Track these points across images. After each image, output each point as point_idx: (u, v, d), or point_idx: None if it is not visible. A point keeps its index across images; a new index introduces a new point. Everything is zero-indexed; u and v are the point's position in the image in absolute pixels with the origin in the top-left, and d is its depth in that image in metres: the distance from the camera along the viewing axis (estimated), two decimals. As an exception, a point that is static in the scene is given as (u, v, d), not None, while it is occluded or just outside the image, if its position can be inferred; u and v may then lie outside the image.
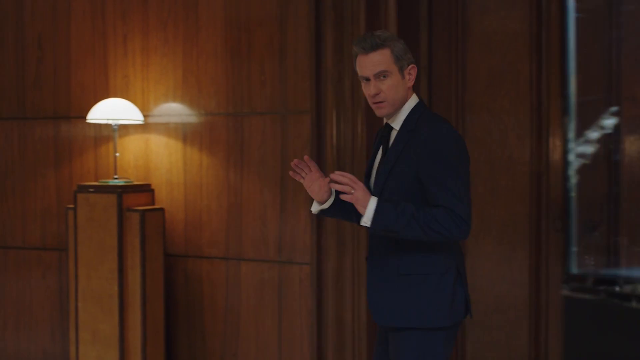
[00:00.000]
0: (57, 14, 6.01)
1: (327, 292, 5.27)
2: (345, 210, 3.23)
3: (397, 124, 3.05)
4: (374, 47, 2.96)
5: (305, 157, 3.12)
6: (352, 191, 2.85)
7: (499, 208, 5.34)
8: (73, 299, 5.62)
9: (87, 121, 5.64)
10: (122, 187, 5.52)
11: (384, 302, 3.04)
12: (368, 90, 3.00)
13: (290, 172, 3.18)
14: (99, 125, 5.92)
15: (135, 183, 5.67)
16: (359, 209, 2.89)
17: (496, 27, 5.33)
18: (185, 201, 5.70)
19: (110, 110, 5.52)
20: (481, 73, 5.36)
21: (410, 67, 3.04)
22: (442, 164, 2.90)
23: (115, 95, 5.82)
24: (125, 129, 5.84)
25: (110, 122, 5.62)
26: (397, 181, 2.98)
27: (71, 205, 5.65)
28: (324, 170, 5.21)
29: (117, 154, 5.70)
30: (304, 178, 3.13)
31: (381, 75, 2.98)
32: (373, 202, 2.88)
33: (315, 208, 3.19)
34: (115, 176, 5.67)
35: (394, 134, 3.07)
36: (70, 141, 5.97)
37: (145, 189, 5.70)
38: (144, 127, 5.84)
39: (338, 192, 3.15)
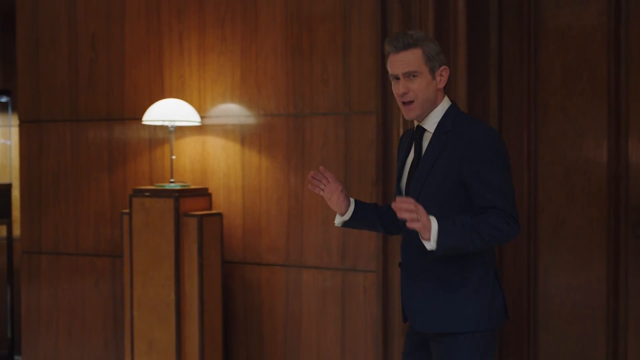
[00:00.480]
0: (111, 13, 5.88)
1: (393, 301, 5.05)
2: (367, 220, 3.24)
3: (430, 125, 3.03)
4: (406, 46, 2.95)
5: (321, 167, 3.12)
6: (417, 217, 2.77)
7: (574, 213, 5.09)
8: (128, 308, 5.47)
9: (143, 123, 5.48)
10: (179, 191, 5.33)
11: (424, 307, 3.01)
12: (397, 89, 2.99)
13: (309, 185, 3.17)
14: (154, 127, 5.76)
15: (192, 187, 5.49)
16: (424, 233, 2.81)
17: (571, 22, 5.08)
18: (243, 206, 5.54)
19: (167, 112, 5.35)
20: (555, 71, 5.11)
21: (442, 68, 3.02)
22: (488, 163, 2.88)
23: (170, 96, 5.65)
24: (181, 131, 5.67)
25: (166, 123, 5.45)
26: (436, 185, 2.95)
27: (126, 210, 5.52)
28: (390, 173, 4.99)
29: (174, 157, 5.53)
30: (323, 190, 3.14)
31: (411, 74, 2.97)
32: (434, 223, 2.81)
33: (337, 220, 3.21)
34: (172, 180, 5.49)
35: (427, 137, 3.05)
36: (125, 144, 5.84)
37: (203, 193, 5.52)
38: (200, 129, 5.66)
39: (358, 203, 3.18)
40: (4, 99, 6.83)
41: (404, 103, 3.01)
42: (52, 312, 6.16)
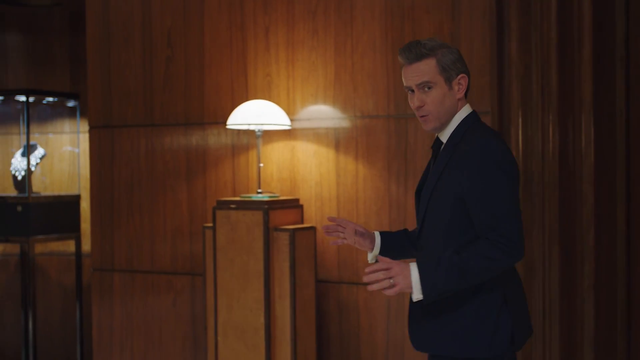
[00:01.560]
0: (189, 7, 5.60)
1: None
2: (399, 248, 3.21)
3: (445, 136, 2.99)
4: (419, 57, 2.91)
5: (328, 217, 3.10)
6: (391, 281, 2.74)
7: None
8: (212, 332, 5.10)
9: (227, 127, 5.18)
10: (268, 202, 4.94)
11: (420, 327, 2.96)
12: (412, 102, 2.96)
13: (331, 242, 3.15)
14: (237, 131, 5.44)
15: (282, 198, 5.09)
16: (407, 291, 2.78)
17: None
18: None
19: (254, 114, 4.99)
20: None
21: (459, 77, 2.96)
22: (485, 180, 2.81)
23: (255, 97, 5.36)
24: (267, 136, 5.34)
25: (252, 127, 5.10)
26: (441, 200, 2.91)
27: (209, 224, 5.19)
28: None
29: (261, 165, 5.20)
30: (345, 238, 3.11)
31: (425, 86, 2.92)
32: (414, 271, 2.77)
33: (370, 257, 3.17)
34: (259, 190, 5.12)
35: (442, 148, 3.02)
36: (205, 150, 5.56)
37: (293, 205, 5.12)
38: (289, 133, 5.32)
39: (384, 234, 3.18)
40: (71, 103, 6.64)
41: (420, 116, 2.97)
42: (126, 334, 5.85)
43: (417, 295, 2.77)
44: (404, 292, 2.79)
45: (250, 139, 5.40)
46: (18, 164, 6.35)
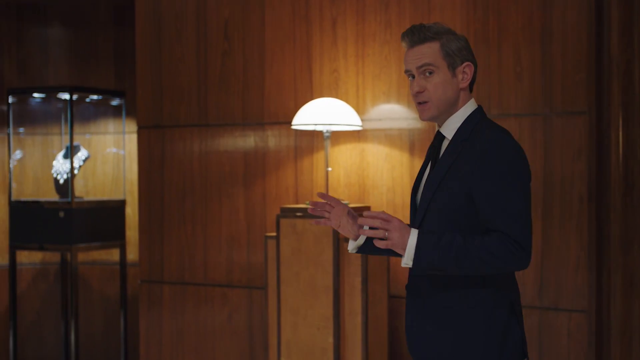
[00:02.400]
0: None
1: (610, 347, 4.44)
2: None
3: (449, 132, 2.88)
4: (421, 40, 2.83)
5: (319, 193, 2.97)
6: (386, 234, 2.70)
7: None
8: (274, 352, 4.83)
9: (293, 127, 4.90)
10: None
11: (424, 336, 2.86)
12: (412, 87, 2.88)
13: (313, 221, 2.99)
14: (300, 132, 5.19)
15: (351, 205, 4.84)
16: (398, 250, 2.72)
17: None
18: (412, 228, 4.79)
19: (322, 113, 4.72)
20: None
21: (464, 65, 2.85)
22: (497, 180, 2.73)
23: (321, 95, 5.11)
24: (333, 137, 5.08)
25: (320, 128, 4.85)
26: (444, 200, 2.80)
27: (271, 233, 4.96)
28: (607, 189, 4.30)
29: (329, 169, 4.94)
30: (329, 219, 2.96)
31: (426, 70, 2.83)
32: (413, 237, 2.71)
33: (351, 247, 3.00)
34: None
35: (445, 144, 2.90)
36: (264, 153, 5.33)
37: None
38: (357, 135, 5.05)
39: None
40: (116, 102, 6.44)
41: (418, 103, 2.88)
42: (176, 350, 5.60)
43: (406, 260, 2.72)
44: (392, 248, 2.72)
45: (314, 140, 5.15)
46: (60, 166, 6.11)
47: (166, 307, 5.59)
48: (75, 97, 6.03)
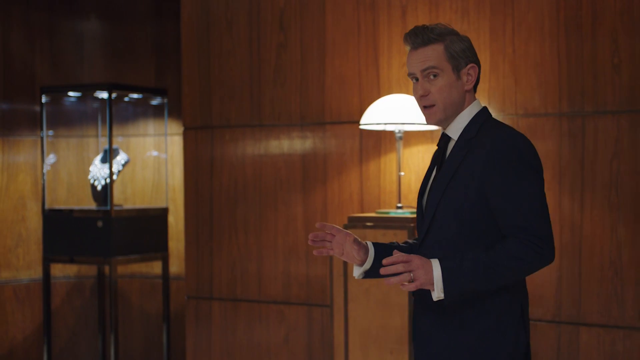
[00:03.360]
0: None
1: None
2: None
3: (454, 133, 2.92)
4: (425, 42, 2.87)
5: (318, 224, 2.97)
6: (411, 275, 2.69)
7: None
8: None
9: (361, 127, 4.65)
10: (413, 220, 4.36)
11: (432, 341, 2.88)
12: (416, 91, 2.92)
13: (314, 252, 3.00)
14: (365, 133, 4.94)
15: None
16: (427, 287, 2.73)
17: None
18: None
19: (394, 111, 4.42)
20: None
21: (469, 66, 2.89)
22: (512, 176, 2.76)
23: (388, 92, 4.88)
24: (404, 138, 4.80)
25: (390, 128, 4.59)
26: (454, 203, 2.82)
27: None
28: None
29: (402, 173, 4.62)
30: (332, 249, 2.96)
31: (430, 73, 2.88)
32: (437, 269, 2.73)
33: (357, 272, 2.99)
34: (399, 204, 4.58)
35: (451, 145, 2.94)
36: (325, 155, 5.11)
37: None
38: (430, 135, 4.77)
39: (378, 246, 3.01)
40: (157, 101, 6.19)
41: (424, 107, 2.91)
42: None
43: (438, 293, 2.72)
44: (424, 289, 2.73)
45: (382, 141, 4.88)
46: (97, 171, 5.83)
47: (216, 326, 5.35)
48: (113, 95, 5.74)
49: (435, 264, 2.74)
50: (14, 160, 6.06)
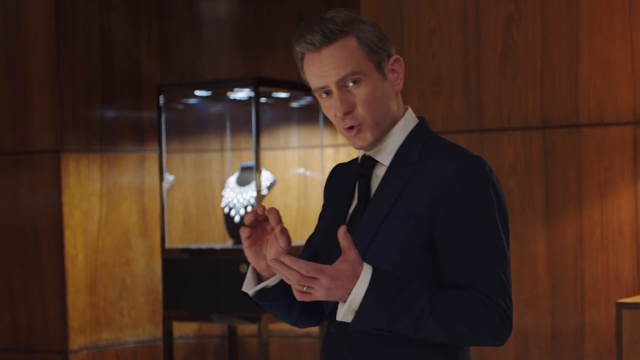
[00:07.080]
0: None
1: None
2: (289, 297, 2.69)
3: (385, 156, 2.54)
4: (329, 38, 2.46)
5: (258, 207, 2.44)
6: (305, 288, 2.30)
7: None
8: None
9: None
10: None
11: None
12: (331, 109, 2.47)
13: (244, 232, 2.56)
14: None
15: None
16: (332, 299, 2.36)
17: None
18: None
19: None
20: None
21: (393, 59, 2.55)
22: (469, 215, 2.42)
23: None
24: None
25: None
26: (392, 245, 2.46)
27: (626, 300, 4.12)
28: None
29: None
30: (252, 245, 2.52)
31: (349, 80, 2.47)
32: (360, 288, 2.33)
33: (248, 287, 2.50)
34: None
35: (380, 171, 2.55)
36: (580, 171, 4.65)
37: None
38: None
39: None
40: (301, 102, 5.61)
41: (348, 128, 2.50)
42: None
43: (344, 315, 2.35)
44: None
45: None
46: (234, 197, 5.04)
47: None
48: (249, 95, 5.04)
49: (362, 283, 2.36)
50: (116, 183, 5.29)
